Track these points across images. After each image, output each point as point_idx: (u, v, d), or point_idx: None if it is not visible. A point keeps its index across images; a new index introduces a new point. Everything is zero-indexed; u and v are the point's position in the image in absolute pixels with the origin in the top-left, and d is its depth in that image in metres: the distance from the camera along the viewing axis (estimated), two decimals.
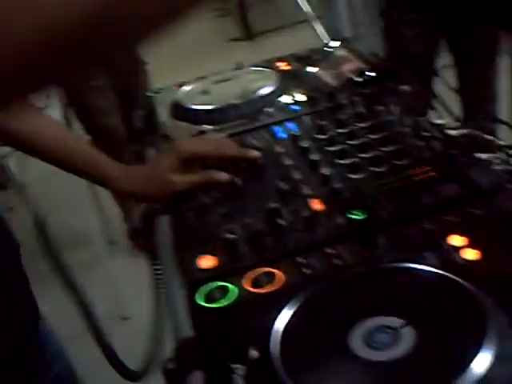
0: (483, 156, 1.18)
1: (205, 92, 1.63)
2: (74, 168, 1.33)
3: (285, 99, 1.52)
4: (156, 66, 3.82)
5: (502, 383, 0.70)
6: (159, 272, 1.21)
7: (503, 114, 2.79)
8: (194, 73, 1.83)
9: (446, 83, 1.85)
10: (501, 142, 1.25)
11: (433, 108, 1.49)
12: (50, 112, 3.21)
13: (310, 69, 1.67)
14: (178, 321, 1.00)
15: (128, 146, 3.12)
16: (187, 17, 0.57)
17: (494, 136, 2.35)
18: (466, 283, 0.82)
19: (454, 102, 2.72)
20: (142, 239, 1.39)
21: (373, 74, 1.50)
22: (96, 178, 1.33)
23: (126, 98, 3.28)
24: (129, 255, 3.47)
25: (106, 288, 3.26)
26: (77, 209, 3.37)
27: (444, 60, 2.90)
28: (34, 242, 1.45)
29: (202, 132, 1.44)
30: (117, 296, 3.23)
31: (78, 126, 3.49)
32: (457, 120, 1.32)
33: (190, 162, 1.28)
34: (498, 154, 1.19)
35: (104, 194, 3.16)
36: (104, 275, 3.34)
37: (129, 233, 3.56)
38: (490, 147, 1.23)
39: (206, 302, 0.94)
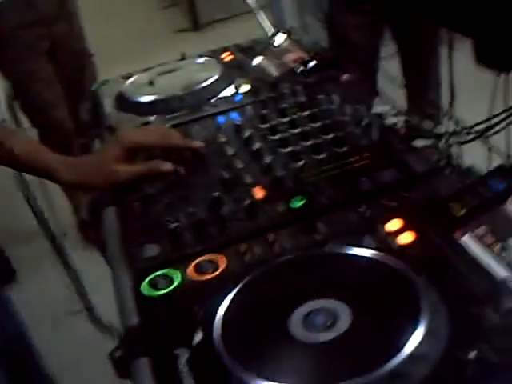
0: (420, 143, 1.21)
1: (149, 83, 1.64)
2: (15, 163, 1.33)
3: (228, 89, 1.54)
4: (103, 57, 3.80)
5: (434, 357, 0.74)
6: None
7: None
8: (142, 64, 1.85)
9: (386, 73, 1.89)
10: (437, 129, 1.28)
11: (376, 95, 1.52)
12: None
13: (253, 59, 1.69)
14: (125, 310, 1.02)
15: (76, 139, 3.11)
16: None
17: (436, 122, 2.41)
18: (400, 266, 0.85)
19: (399, 90, 2.78)
20: (91, 231, 1.40)
21: (314, 64, 1.52)
22: (38, 171, 1.32)
23: (73, 90, 3.25)
24: (80, 248, 3.45)
25: (62, 281, 3.25)
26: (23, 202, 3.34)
27: (390, 48, 2.95)
28: None
29: (147, 123, 1.45)
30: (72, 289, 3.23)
31: (24, 119, 3.47)
32: (395, 108, 1.35)
33: (135, 153, 1.29)
34: (434, 141, 1.22)
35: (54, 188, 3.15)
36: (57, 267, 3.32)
37: (78, 225, 3.54)
38: (427, 134, 1.27)
39: (151, 290, 0.96)
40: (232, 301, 0.86)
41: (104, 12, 6.97)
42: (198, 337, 0.84)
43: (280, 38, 1.77)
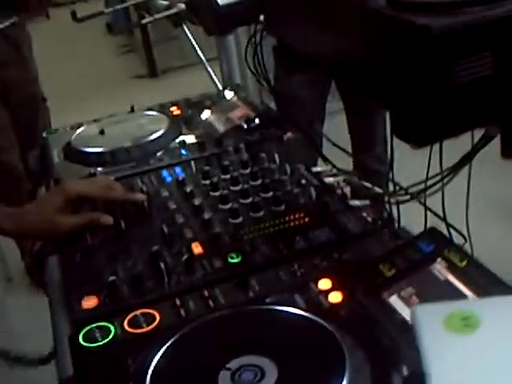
0: (356, 202, 1.26)
1: (97, 135, 1.67)
2: None
3: (174, 144, 1.58)
4: (58, 102, 3.83)
5: None
6: None
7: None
8: (97, 109, 1.89)
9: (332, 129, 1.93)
10: (377, 189, 1.33)
11: (319, 154, 1.56)
12: None
13: (201, 114, 1.74)
14: (61, 359, 1.04)
15: (25, 184, 3.11)
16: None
17: (382, 178, 2.46)
18: (327, 324, 0.89)
19: (346, 146, 2.84)
20: (37, 276, 1.42)
21: (258, 122, 1.57)
22: None
23: (25, 134, 3.27)
24: (26, 291, 3.44)
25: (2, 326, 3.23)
26: None
27: (336, 104, 3.02)
28: None
29: (92, 174, 1.48)
30: (10, 332, 3.21)
31: None
32: (336, 167, 1.39)
33: (79, 203, 1.31)
34: (372, 201, 1.27)
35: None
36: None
37: (26, 268, 3.53)
38: (366, 194, 1.32)
39: (86, 341, 0.98)
40: (163, 355, 0.88)
41: (60, 56, 7.01)
42: None
43: (227, 94, 1.82)
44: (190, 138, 1.59)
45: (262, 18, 1.20)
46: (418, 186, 1.32)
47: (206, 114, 1.73)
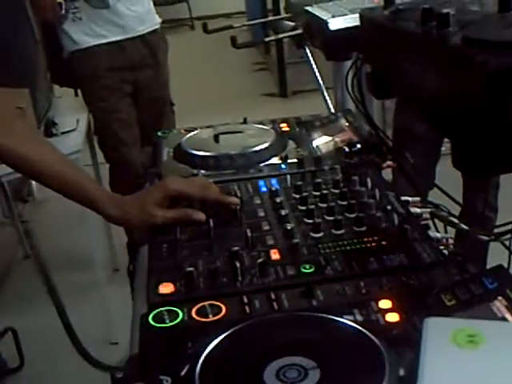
0: (437, 235, 1.30)
1: (206, 140, 1.76)
2: (66, 193, 1.46)
3: (276, 157, 1.65)
4: (186, 109, 3.97)
5: None
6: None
7: None
8: (220, 120, 1.99)
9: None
10: (463, 226, 1.36)
11: (413, 185, 1.59)
12: (76, 136, 3.37)
13: (307, 133, 1.80)
14: (133, 337, 1.12)
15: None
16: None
17: (488, 223, 2.44)
18: (376, 339, 0.93)
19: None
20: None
21: (359, 147, 1.62)
22: (86, 203, 1.45)
23: (149, 135, 3.41)
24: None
25: (101, 312, 3.38)
26: (88, 231, 3.49)
27: None
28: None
29: (195, 175, 1.57)
30: (109, 321, 3.35)
31: (99, 154, 3.66)
32: (424, 199, 1.43)
33: (176, 199, 1.41)
34: (451, 235, 1.30)
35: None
36: (102, 300, 3.45)
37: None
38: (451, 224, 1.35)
39: (155, 321, 1.06)
40: (218, 344, 0.95)
41: (196, 65, 7.22)
42: (184, 370, 0.93)
43: (337, 118, 1.88)
44: (292, 154, 1.66)
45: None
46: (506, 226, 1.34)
47: (312, 134, 1.80)
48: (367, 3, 1.42)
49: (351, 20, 1.33)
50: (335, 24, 1.32)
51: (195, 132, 1.85)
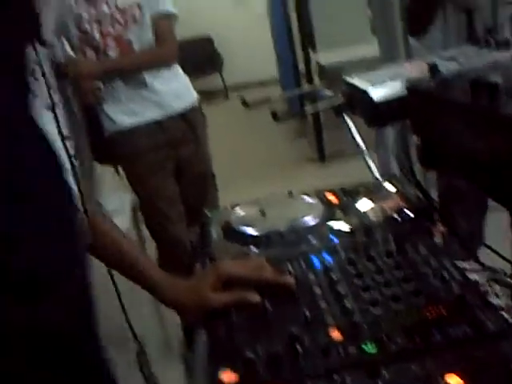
0: (498, 301, 1.26)
1: (254, 216, 1.76)
2: (124, 272, 1.46)
3: (326, 229, 1.64)
4: (227, 180, 3.99)
5: None
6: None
7: None
8: (263, 190, 2.00)
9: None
10: None
11: (467, 250, 1.56)
12: (121, 216, 3.40)
13: (355, 202, 1.79)
14: None
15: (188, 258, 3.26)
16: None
17: None
18: None
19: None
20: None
21: (409, 213, 1.61)
22: (144, 285, 1.45)
23: (192, 210, 3.44)
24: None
25: None
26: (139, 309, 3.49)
27: None
28: None
29: (246, 254, 1.56)
30: None
31: (145, 231, 3.67)
32: (482, 265, 1.40)
33: (230, 282, 1.40)
34: None
35: None
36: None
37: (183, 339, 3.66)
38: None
39: None
40: None
41: (233, 135, 7.29)
42: None
43: (383, 185, 1.87)
44: (342, 225, 1.64)
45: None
46: None
47: (360, 203, 1.78)
48: (406, 71, 1.42)
49: (393, 88, 1.33)
50: (377, 94, 1.31)
51: (242, 207, 1.85)
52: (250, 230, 1.67)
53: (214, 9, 11.20)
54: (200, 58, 10.52)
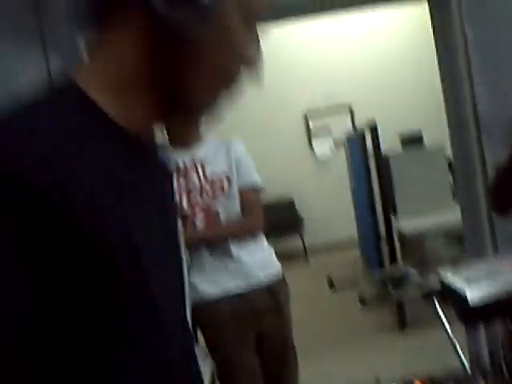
0: None
1: None
2: None
3: None
4: (307, 349, 3.89)
5: None
6: None
7: None
8: (343, 360, 1.96)
9: None
10: None
11: None
12: None
13: None
14: None
15: None
16: None
17: None
18: None
19: None
20: None
21: None
22: None
23: (273, 381, 3.37)
24: None
25: None
26: None
27: None
28: None
29: None
30: None
31: None
32: None
33: None
34: None
35: None
36: None
37: None
38: None
39: None
40: None
41: (313, 304, 7.23)
42: None
43: (473, 377, 1.82)
44: None
45: None
46: None
47: None
48: (500, 266, 1.41)
49: (489, 289, 1.32)
50: (473, 296, 1.30)
51: None
52: None
53: (297, 172, 11.38)
54: (282, 220, 10.61)
